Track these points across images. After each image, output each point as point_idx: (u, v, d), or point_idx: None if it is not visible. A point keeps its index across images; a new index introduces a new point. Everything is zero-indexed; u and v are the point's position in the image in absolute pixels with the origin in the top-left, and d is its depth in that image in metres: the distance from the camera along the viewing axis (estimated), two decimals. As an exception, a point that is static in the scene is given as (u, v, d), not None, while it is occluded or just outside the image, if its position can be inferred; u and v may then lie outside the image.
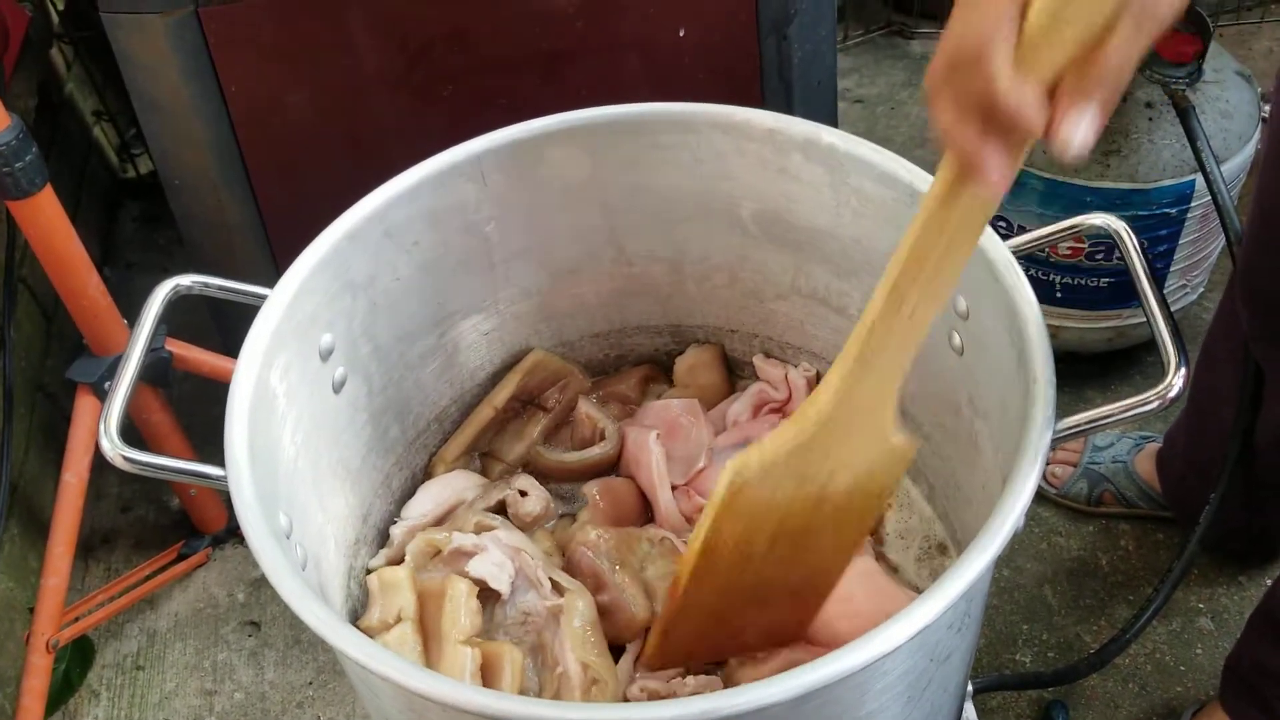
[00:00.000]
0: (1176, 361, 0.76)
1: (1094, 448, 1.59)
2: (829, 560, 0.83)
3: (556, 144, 0.99)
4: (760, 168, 0.98)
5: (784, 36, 1.42)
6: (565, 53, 1.39)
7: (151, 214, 2.25)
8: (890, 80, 2.41)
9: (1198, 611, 1.48)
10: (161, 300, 0.90)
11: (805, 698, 0.61)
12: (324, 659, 1.53)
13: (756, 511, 0.76)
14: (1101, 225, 0.86)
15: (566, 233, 1.05)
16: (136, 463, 0.80)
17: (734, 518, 0.76)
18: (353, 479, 0.97)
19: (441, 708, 0.66)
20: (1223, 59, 1.54)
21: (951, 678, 0.81)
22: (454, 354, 1.06)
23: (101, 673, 1.55)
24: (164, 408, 1.51)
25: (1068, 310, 1.63)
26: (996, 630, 1.48)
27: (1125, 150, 1.47)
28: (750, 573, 0.80)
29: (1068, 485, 1.58)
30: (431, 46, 1.35)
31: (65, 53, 2.17)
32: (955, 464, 0.95)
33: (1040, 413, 0.72)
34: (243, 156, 1.38)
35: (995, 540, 0.66)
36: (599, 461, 1.05)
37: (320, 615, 0.68)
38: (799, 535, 0.78)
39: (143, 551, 1.67)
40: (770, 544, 0.78)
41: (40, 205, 1.24)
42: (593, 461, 1.05)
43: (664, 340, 1.15)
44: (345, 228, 0.91)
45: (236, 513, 0.74)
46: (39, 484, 1.63)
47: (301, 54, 1.33)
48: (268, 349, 0.83)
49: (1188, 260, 1.59)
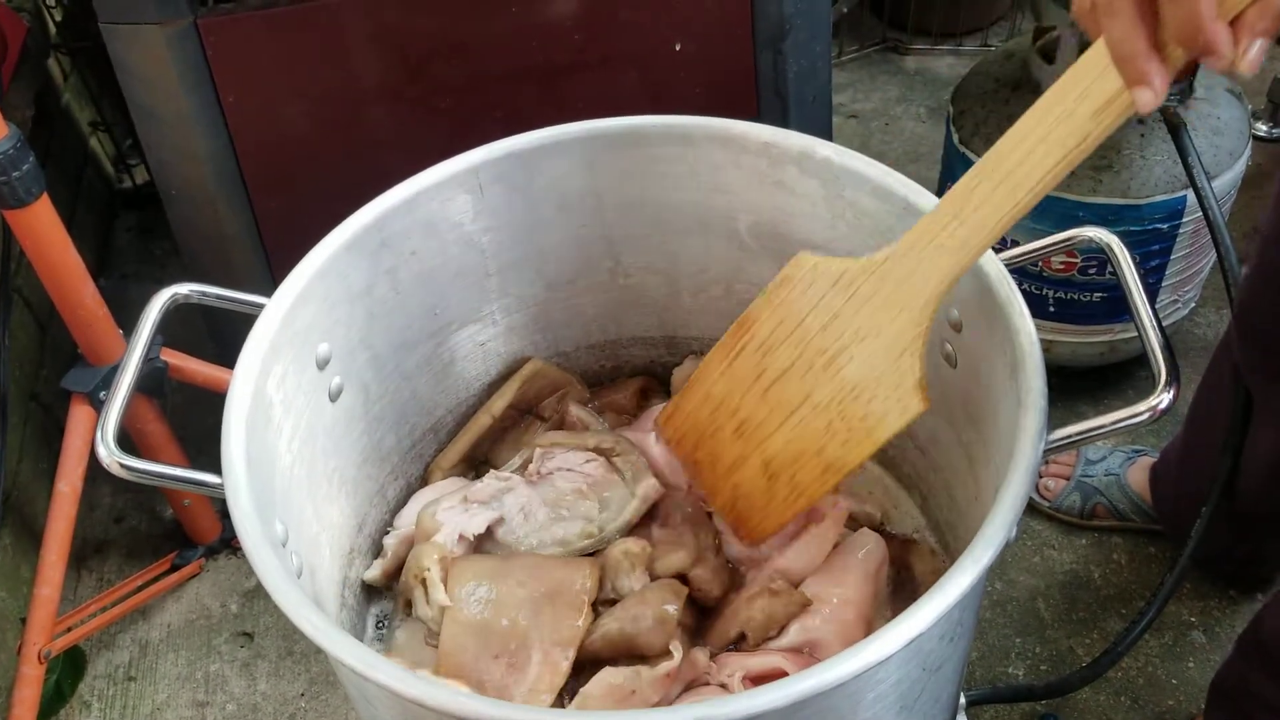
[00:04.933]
0: (1167, 375, 0.76)
1: (1086, 461, 1.60)
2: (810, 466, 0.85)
3: (553, 156, 0.99)
4: (756, 181, 0.99)
5: (779, 51, 1.43)
6: (563, 66, 1.40)
7: (148, 224, 2.26)
8: (885, 96, 2.43)
9: (1190, 625, 1.48)
10: (159, 308, 0.90)
11: (798, 705, 0.62)
12: (316, 670, 1.52)
13: (790, 312, 0.84)
14: (1094, 239, 0.87)
15: (563, 244, 1.05)
16: (133, 470, 0.80)
17: (771, 306, 0.86)
18: (348, 488, 0.97)
19: (438, 715, 0.66)
20: (1214, 76, 1.56)
21: (944, 688, 0.81)
22: (450, 364, 1.07)
23: (93, 683, 1.55)
24: (159, 418, 1.51)
25: (1061, 325, 1.64)
26: (989, 643, 1.48)
27: (1117, 166, 1.48)
28: (756, 389, 0.85)
29: (1061, 498, 1.58)
30: (430, 59, 1.36)
31: (63, 63, 2.18)
32: (948, 475, 0.95)
33: (1032, 424, 0.73)
34: (240, 167, 1.38)
35: (988, 550, 0.67)
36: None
37: (316, 623, 0.68)
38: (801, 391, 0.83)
39: (135, 562, 1.67)
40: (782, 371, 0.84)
41: (36, 215, 1.24)
42: None
43: (660, 352, 1.16)
44: (343, 238, 0.92)
45: (233, 520, 0.75)
46: (32, 494, 1.63)
47: (299, 65, 1.34)
48: (265, 357, 0.84)
49: (1180, 275, 1.60)
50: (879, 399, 0.81)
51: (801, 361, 0.84)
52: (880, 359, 0.80)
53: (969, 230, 0.75)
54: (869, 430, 0.82)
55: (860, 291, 0.81)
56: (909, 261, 0.78)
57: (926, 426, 0.97)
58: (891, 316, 0.80)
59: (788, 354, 0.85)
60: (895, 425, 0.81)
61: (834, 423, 0.83)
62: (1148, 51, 0.60)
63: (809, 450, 0.85)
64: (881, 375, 0.80)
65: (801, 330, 0.84)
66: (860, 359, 0.81)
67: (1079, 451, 1.60)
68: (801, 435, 0.85)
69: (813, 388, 0.83)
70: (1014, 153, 0.71)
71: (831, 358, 0.82)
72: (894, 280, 0.79)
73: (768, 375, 0.86)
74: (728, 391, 0.89)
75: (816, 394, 0.83)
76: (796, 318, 0.84)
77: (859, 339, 0.81)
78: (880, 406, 0.81)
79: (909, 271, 0.78)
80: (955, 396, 0.91)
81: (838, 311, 0.82)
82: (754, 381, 0.87)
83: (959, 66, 2.44)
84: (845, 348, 0.82)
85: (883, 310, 0.80)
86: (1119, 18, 0.61)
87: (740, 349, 0.88)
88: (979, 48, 2.48)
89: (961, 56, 2.49)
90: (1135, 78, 0.62)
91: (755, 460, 0.89)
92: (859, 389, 0.81)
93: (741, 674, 0.87)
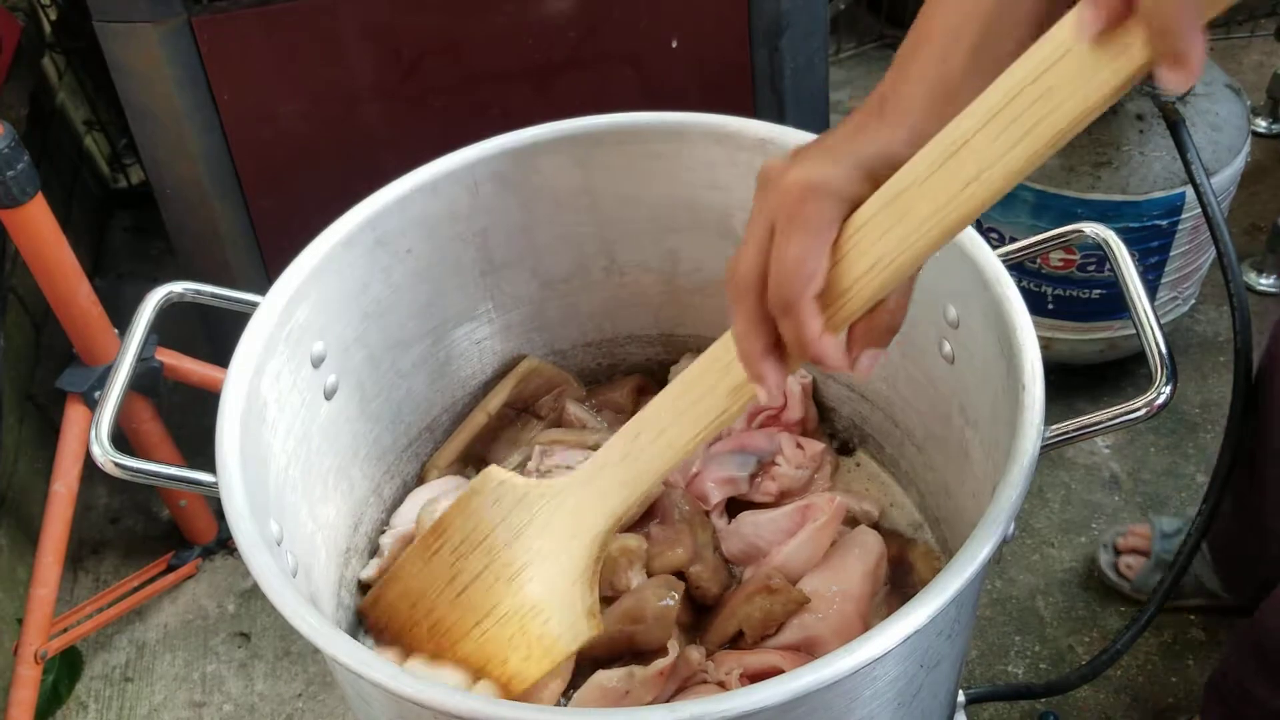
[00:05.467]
0: (1164, 369, 0.76)
1: (1162, 535, 1.48)
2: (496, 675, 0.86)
3: (548, 153, 0.99)
4: (752, 178, 0.97)
5: (776, 48, 1.43)
6: (558, 64, 1.39)
7: (143, 224, 2.25)
8: (882, 93, 2.42)
9: (1189, 623, 1.48)
10: (154, 307, 0.89)
11: (794, 702, 0.61)
12: (314, 670, 1.52)
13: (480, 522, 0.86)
14: (1090, 234, 0.86)
15: (558, 242, 1.05)
16: (127, 469, 0.80)
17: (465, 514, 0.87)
18: (344, 487, 0.97)
19: (433, 714, 0.65)
20: (1213, 72, 1.55)
21: (942, 685, 0.81)
22: (446, 362, 1.06)
23: (90, 684, 1.54)
24: (154, 417, 1.50)
25: (1060, 322, 1.63)
26: (989, 641, 1.48)
27: (1116, 162, 1.48)
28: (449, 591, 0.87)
29: (1142, 578, 1.48)
30: (424, 57, 1.36)
31: (57, 62, 2.18)
32: (946, 472, 0.95)
33: (1029, 419, 0.73)
34: (235, 166, 1.38)
35: (985, 546, 0.66)
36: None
37: (311, 622, 0.68)
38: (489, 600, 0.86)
39: (132, 563, 1.67)
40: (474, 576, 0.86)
41: (31, 214, 1.24)
42: None
43: (656, 349, 1.15)
44: (338, 236, 0.91)
45: (227, 519, 0.74)
46: (28, 494, 1.63)
47: (294, 63, 1.34)
48: (260, 356, 0.83)
49: (1179, 272, 1.59)
50: (554, 620, 0.82)
51: (489, 572, 0.85)
52: (559, 581, 0.82)
53: (633, 474, 0.78)
54: (546, 649, 0.82)
55: (538, 516, 0.83)
56: (582, 494, 0.80)
57: (924, 425, 0.97)
58: (566, 544, 0.81)
59: (479, 561, 0.86)
60: (568, 648, 0.81)
61: (515, 637, 0.84)
62: (762, 353, 0.63)
63: (496, 659, 0.85)
64: (560, 597, 0.81)
65: (489, 541, 0.85)
66: (540, 579, 0.82)
67: (1152, 524, 1.50)
68: (488, 644, 0.85)
69: (499, 599, 0.84)
70: (665, 413, 0.75)
71: (516, 572, 0.84)
72: (567, 511, 0.81)
73: (460, 579, 0.87)
74: (423, 590, 0.90)
75: (501, 606, 0.84)
76: (486, 529, 0.86)
77: (540, 558, 0.83)
78: (555, 628, 0.82)
79: (580, 504, 0.80)
80: (952, 393, 0.90)
81: (520, 530, 0.84)
82: (447, 584, 0.88)
83: (956, 64, 2.44)
84: (528, 564, 0.83)
85: (560, 537, 0.82)
86: (740, 320, 0.64)
87: (436, 550, 0.89)
88: (976, 45, 2.47)
89: (959, 54, 2.48)
90: (752, 375, 0.65)
91: (449, 660, 0.89)
92: (539, 607, 0.82)
93: (739, 671, 0.86)
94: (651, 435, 0.76)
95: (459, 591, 0.87)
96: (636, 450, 0.78)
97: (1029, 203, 1.52)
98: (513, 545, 0.84)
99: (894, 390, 0.99)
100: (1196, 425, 1.70)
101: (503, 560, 0.84)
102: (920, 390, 0.95)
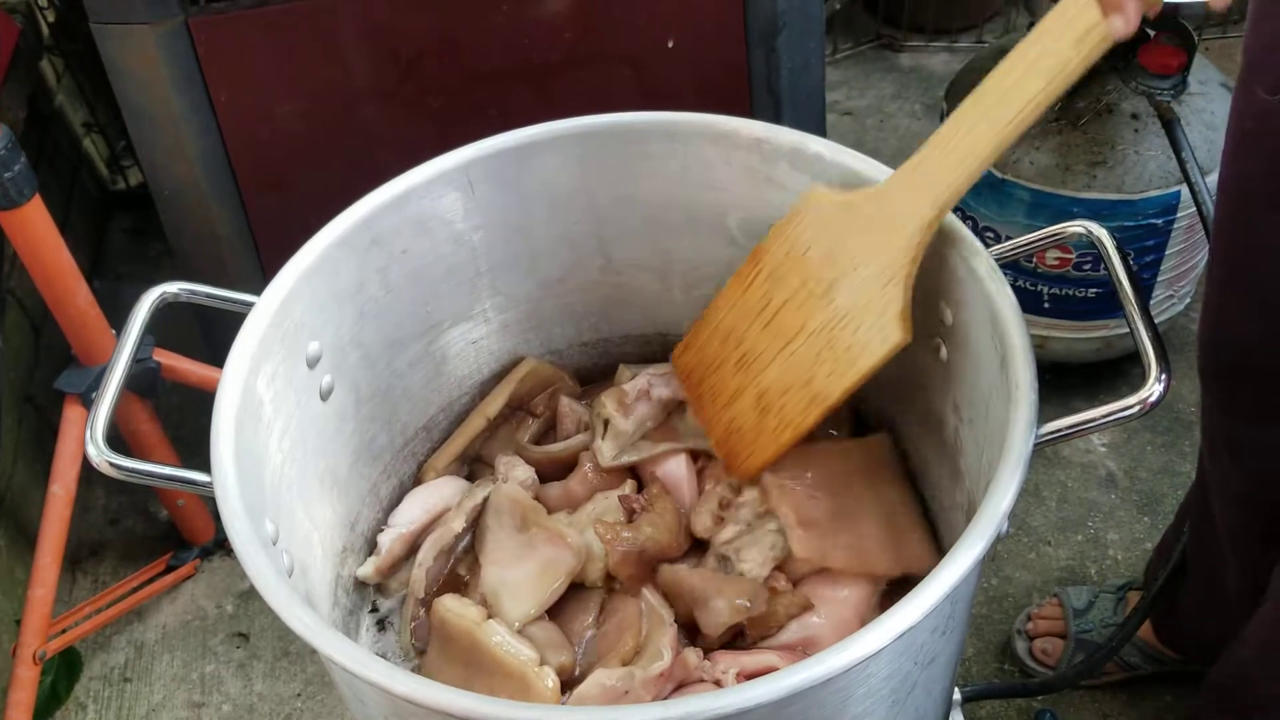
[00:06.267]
0: (1158, 367, 0.76)
1: (1074, 612, 1.40)
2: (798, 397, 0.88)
3: (544, 153, 0.99)
4: (747, 177, 0.98)
5: (772, 48, 1.43)
6: (555, 64, 1.40)
7: (141, 225, 2.26)
8: (879, 93, 2.43)
9: (1186, 620, 1.48)
10: (149, 307, 0.89)
11: (788, 700, 0.61)
12: (312, 670, 1.52)
13: (796, 242, 0.89)
14: (1083, 232, 0.87)
15: (554, 242, 1.05)
16: (122, 469, 0.80)
17: (780, 237, 0.90)
18: (340, 487, 0.97)
19: (428, 712, 0.66)
20: (1208, 71, 1.56)
21: (937, 682, 0.81)
22: (442, 362, 1.07)
23: (89, 685, 1.55)
24: (152, 418, 1.51)
25: (1055, 321, 1.64)
26: (985, 639, 1.48)
27: (1111, 161, 1.48)
28: (760, 320, 0.90)
29: (1064, 661, 1.39)
30: (422, 58, 1.36)
31: (55, 65, 2.18)
32: (940, 471, 0.95)
33: (1023, 416, 0.73)
34: (232, 167, 1.38)
35: (979, 543, 0.66)
36: (582, 447, 1.06)
37: (306, 621, 0.68)
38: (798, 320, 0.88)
39: (130, 563, 1.67)
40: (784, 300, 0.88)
41: (29, 216, 1.24)
42: (576, 449, 1.06)
43: (652, 349, 1.15)
44: (333, 235, 0.92)
45: (222, 519, 0.74)
46: (26, 496, 1.63)
47: (291, 64, 1.34)
48: (255, 356, 0.84)
49: (1174, 270, 1.60)
50: (864, 327, 0.84)
51: (803, 290, 0.88)
52: (870, 286, 0.84)
53: (958, 156, 0.81)
54: (853, 360, 0.85)
55: (861, 216, 0.85)
56: (906, 186, 0.83)
57: (919, 424, 0.97)
58: (885, 241, 0.83)
59: (792, 283, 0.89)
60: (877, 354, 0.83)
61: (822, 351, 0.86)
62: None
63: (798, 381, 0.88)
64: (869, 303, 0.83)
65: (805, 259, 0.88)
66: (853, 287, 0.85)
67: (1062, 603, 1.42)
68: (794, 365, 0.88)
69: (809, 316, 0.87)
70: (1003, 81, 0.79)
71: (828, 285, 0.86)
72: (891, 203, 0.83)
73: (772, 306, 0.90)
74: (735, 323, 0.93)
75: (811, 322, 0.87)
76: (802, 247, 0.88)
77: (854, 267, 0.85)
78: (864, 335, 0.84)
79: (905, 195, 0.83)
80: (947, 394, 0.90)
81: (838, 238, 0.86)
82: (759, 313, 0.91)
83: (953, 63, 2.45)
84: (842, 275, 0.85)
85: (878, 235, 0.83)
86: None
87: (752, 279, 0.92)
88: (973, 44, 2.48)
89: (956, 53, 2.49)
90: (1112, 4, 0.70)
91: (751, 394, 0.92)
92: (849, 316, 0.85)
93: (736, 670, 0.87)
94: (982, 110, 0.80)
95: (769, 320, 0.90)
96: (962, 132, 0.80)
97: (1025, 202, 1.53)
98: (829, 256, 0.86)
99: (888, 388, 0.99)
100: (1192, 423, 1.70)
101: (816, 275, 0.87)
102: (915, 391, 0.95)
